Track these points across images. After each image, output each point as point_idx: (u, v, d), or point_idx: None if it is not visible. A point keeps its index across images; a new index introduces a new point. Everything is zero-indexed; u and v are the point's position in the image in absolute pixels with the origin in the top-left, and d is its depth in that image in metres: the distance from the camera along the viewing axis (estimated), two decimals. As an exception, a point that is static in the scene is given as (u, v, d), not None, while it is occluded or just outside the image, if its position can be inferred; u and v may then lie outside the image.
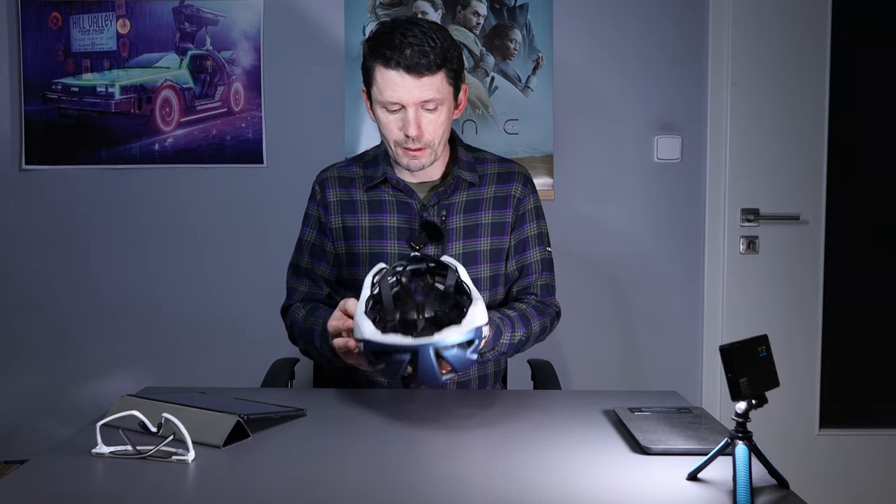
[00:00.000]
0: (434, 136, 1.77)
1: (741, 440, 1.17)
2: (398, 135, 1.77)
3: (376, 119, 1.80)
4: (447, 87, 1.76)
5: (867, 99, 2.97)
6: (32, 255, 2.96)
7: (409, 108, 1.73)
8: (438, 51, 1.71)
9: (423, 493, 1.21)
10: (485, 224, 1.88)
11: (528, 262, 1.91)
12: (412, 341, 1.41)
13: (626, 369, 2.98)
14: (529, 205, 1.92)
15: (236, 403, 1.54)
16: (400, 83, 1.71)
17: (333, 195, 1.90)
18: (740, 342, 1.18)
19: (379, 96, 1.75)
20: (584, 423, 1.52)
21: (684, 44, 2.92)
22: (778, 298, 2.96)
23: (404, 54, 1.69)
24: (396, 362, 1.44)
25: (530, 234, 1.92)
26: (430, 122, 1.76)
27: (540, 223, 1.94)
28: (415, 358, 1.43)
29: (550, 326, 1.93)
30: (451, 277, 1.58)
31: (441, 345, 1.42)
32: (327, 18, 2.91)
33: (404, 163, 1.81)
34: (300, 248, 1.94)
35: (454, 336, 1.43)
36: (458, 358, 1.45)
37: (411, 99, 1.72)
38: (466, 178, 1.87)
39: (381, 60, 1.72)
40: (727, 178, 2.93)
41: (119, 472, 1.28)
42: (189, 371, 2.93)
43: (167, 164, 2.92)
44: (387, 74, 1.72)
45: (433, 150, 1.80)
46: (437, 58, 1.71)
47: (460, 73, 1.80)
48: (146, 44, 2.89)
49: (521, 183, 1.91)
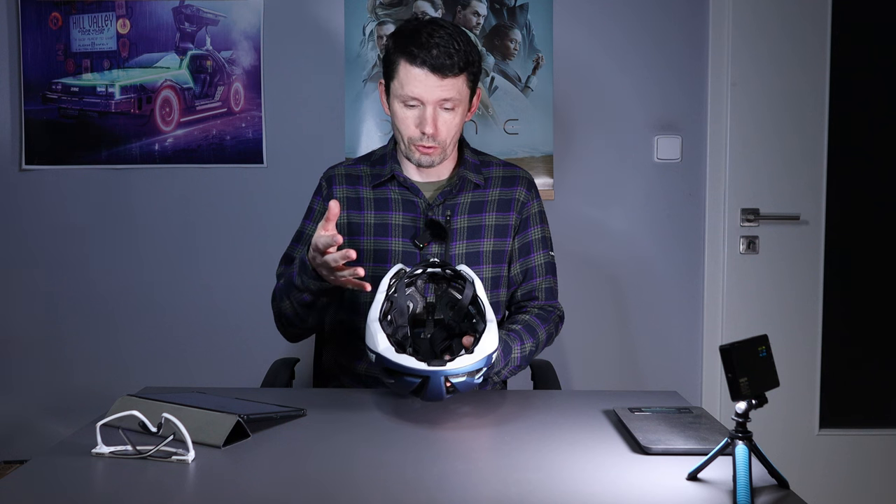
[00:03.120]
0: (448, 135, 1.80)
1: (741, 440, 1.17)
2: (414, 131, 1.79)
3: (391, 112, 1.82)
4: (466, 90, 1.80)
5: (867, 99, 2.97)
6: (32, 256, 2.95)
7: (427, 106, 1.76)
8: (462, 54, 1.75)
9: (424, 493, 1.21)
10: (488, 225, 1.89)
11: (531, 265, 1.93)
12: (425, 367, 1.45)
13: (626, 369, 2.98)
14: (533, 209, 1.94)
15: (236, 403, 1.54)
16: (423, 80, 1.74)
17: (340, 191, 1.91)
18: (740, 342, 1.18)
19: (399, 90, 1.77)
20: (584, 423, 1.52)
21: (684, 44, 2.93)
22: (778, 298, 2.96)
23: (431, 53, 1.72)
24: (407, 384, 1.48)
25: (534, 238, 1.94)
26: (446, 122, 1.78)
27: (543, 227, 1.96)
28: (425, 381, 1.46)
29: (556, 331, 1.95)
30: (468, 288, 1.60)
31: (452, 373, 1.46)
32: (327, 18, 2.91)
33: (415, 158, 1.83)
34: (297, 240, 1.95)
35: (466, 365, 1.47)
36: (465, 384, 1.49)
37: (432, 97, 1.75)
38: (472, 180, 1.89)
39: (407, 56, 1.74)
40: (727, 178, 2.93)
41: (119, 472, 1.28)
42: (189, 371, 2.93)
43: (167, 164, 2.92)
44: (411, 70, 1.74)
45: (444, 150, 1.83)
46: (460, 60, 1.74)
47: (478, 77, 1.83)
48: (146, 44, 2.89)
49: (525, 187, 1.94)
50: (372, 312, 1.53)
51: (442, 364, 1.45)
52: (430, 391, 1.47)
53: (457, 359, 1.46)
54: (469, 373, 1.48)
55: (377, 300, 1.54)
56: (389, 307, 1.57)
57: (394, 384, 1.51)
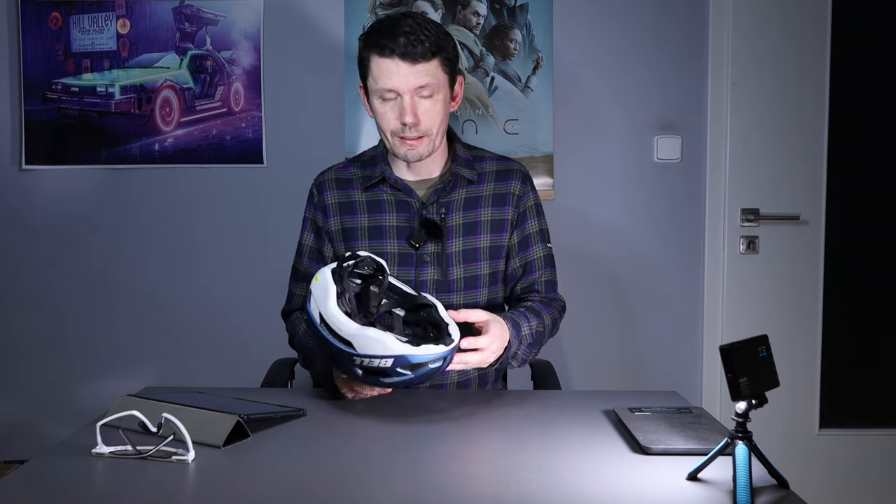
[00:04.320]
0: (431, 124, 1.78)
1: (741, 440, 1.17)
2: (395, 124, 1.77)
3: (373, 112, 1.81)
4: (442, 75, 1.77)
5: (867, 99, 2.97)
6: (32, 256, 2.95)
7: (404, 96, 1.74)
8: (433, 38, 1.74)
9: (424, 494, 1.21)
10: (484, 221, 1.87)
11: (531, 259, 1.92)
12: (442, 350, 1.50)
13: (626, 369, 2.98)
14: (529, 202, 1.92)
15: (236, 403, 1.54)
16: (395, 70, 1.72)
17: (331, 197, 1.90)
18: (740, 342, 1.18)
19: (374, 85, 1.76)
20: (584, 423, 1.52)
21: (684, 44, 2.92)
22: (778, 298, 2.96)
23: (398, 42, 1.71)
24: (430, 371, 1.52)
25: (532, 232, 1.92)
26: (427, 110, 1.76)
27: (540, 220, 1.95)
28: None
29: (560, 317, 1.94)
30: (385, 280, 1.63)
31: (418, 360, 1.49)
32: (327, 18, 2.91)
33: (402, 153, 1.80)
34: (299, 253, 1.95)
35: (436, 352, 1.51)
36: (422, 372, 1.52)
37: (406, 85, 1.73)
38: (465, 176, 1.87)
39: (376, 49, 1.74)
40: (727, 178, 2.93)
41: (119, 472, 1.28)
42: (189, 371, 2.93)
43: (167, 164, 2.92)
44: (382, 63, 1.73)
45: (431, 140, 1.80)
46: (431, 45, 1.73)
47: (455, 63, 1.81)
48: (146, 44, 2.89)
49: (520, 180, 1.91)
50: (329, 304, 1.53)
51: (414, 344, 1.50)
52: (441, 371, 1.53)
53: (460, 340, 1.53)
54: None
55: (330, 292, 1.54)
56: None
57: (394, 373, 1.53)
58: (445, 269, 1.84)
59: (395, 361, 1.48)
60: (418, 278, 1.83)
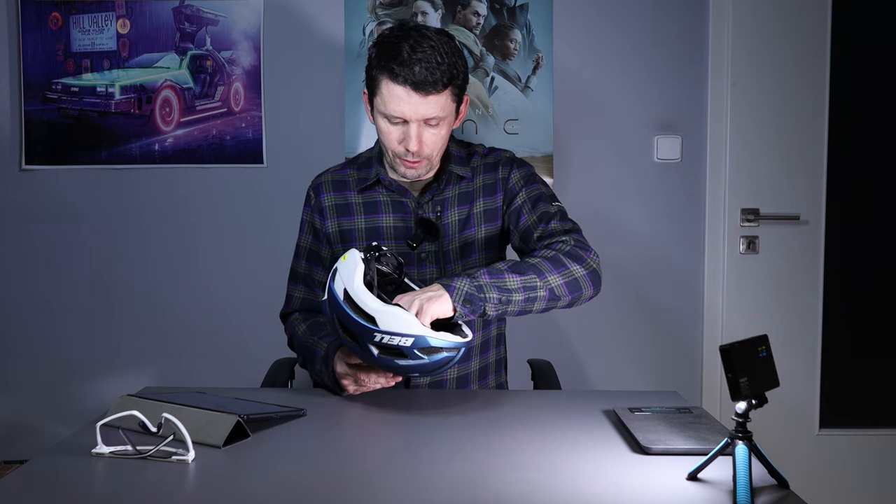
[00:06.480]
0: (433, 149, 1.78)
1: (741, 440, 1.17)
2: (398, 147, 1.77)
3: (376, 124, 1.80)
4: (451, 105, 1.76)
5: (867, 99, 2.97)
6: (32, 256, 2.95)
7: (411, 124, 1.73)
8: (446, 68, 1.70)
9: (423, 494, 1.21)
10: (477, 213, 1.87)
11: (527, 225, 1.81)
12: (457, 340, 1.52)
13: (626, 369, 2.98)
14: (515, 178, 1.86)
15: (236, 403, 1.54)
16: (406, 99, 1.70)
17: (328, 199, 1.90)
18: (740, 342, 1.18)
19: (382, 108, 1.74)
20: (584, 423, 1.52)
21: (684, 44, 2.93)
22: (778, 298, 2.96)
23: (413, 71, 1.68)
24: (444, 358, 1.53)
25: (521, 202, 1.83)
26: (431, 137, 1.76)
27: (532, 188, 1.85)
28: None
29: (575, 247, 1.71)
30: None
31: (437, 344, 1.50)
32: (327, 18, 2.91)
33: (401, 171, 1.82)
34: (298, 255, 1.95)
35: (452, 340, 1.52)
36: (435, 360, 1.52)
37: (415, 115, 1.72)
38: (458, 173, 1.87)
39: (388, 74, 1.70)
40: (727, 178, 2.93)
41: (119, 472, 1.28)
42: (189, 371, 2.93)
43: (167, 164, 2.92)
44: (393, 89, 1.71)
45: (430, 162, 1.81)
46: (443, 76, 1.70)
47: (464, 87, 1.79)
48: (146, 44, 2.89)
49: (505, 164, 1.88)
50: (356, 283, 1.54)
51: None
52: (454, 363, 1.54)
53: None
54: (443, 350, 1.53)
55: (358, 272, 1.55)
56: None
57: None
58: (444, 267, 1.84)
59: (415, 342, 1.49)
60: (418, 277, 1.84)
